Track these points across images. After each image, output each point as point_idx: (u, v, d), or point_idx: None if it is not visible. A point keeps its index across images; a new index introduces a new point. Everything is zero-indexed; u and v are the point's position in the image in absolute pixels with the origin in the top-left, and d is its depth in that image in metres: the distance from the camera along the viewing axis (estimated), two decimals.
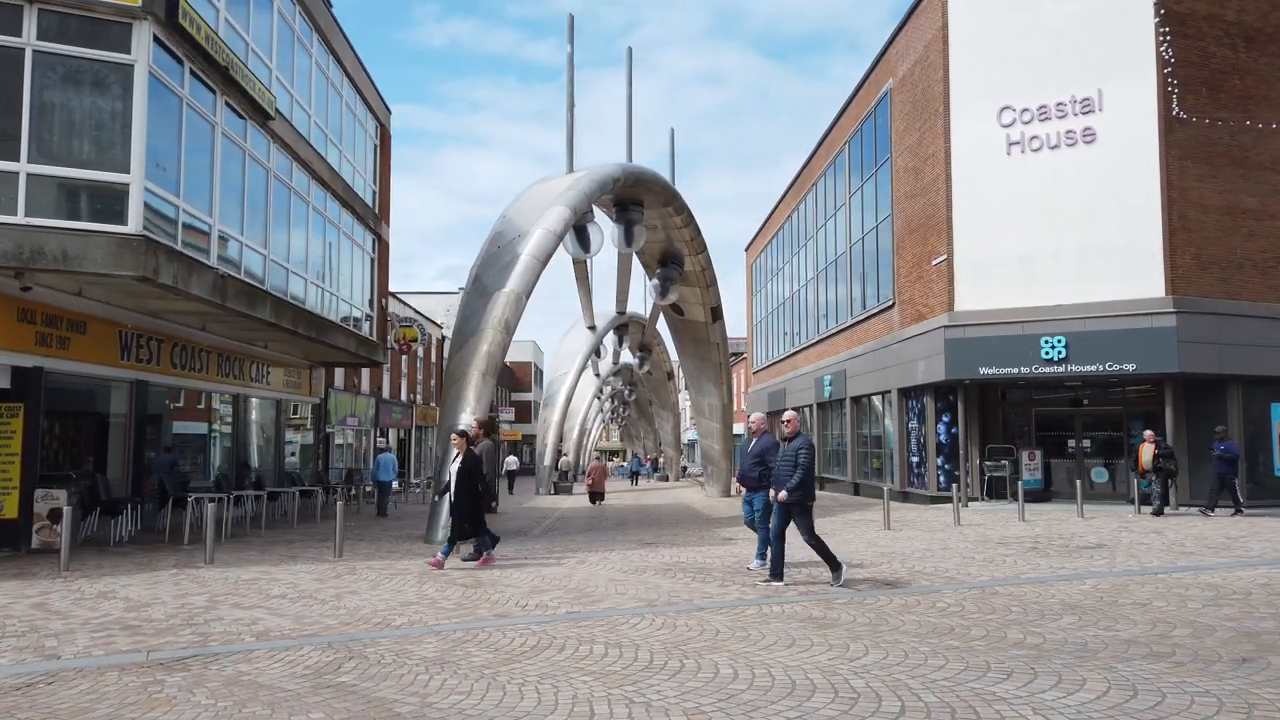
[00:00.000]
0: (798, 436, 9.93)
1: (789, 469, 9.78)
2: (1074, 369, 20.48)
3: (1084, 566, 11.18)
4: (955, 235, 21.83)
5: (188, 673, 6.35)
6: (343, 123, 22.13)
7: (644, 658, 6.63)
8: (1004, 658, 6.46)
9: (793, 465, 9.76)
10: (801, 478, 9.69)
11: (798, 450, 9.77)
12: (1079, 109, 20.80)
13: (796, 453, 9.77)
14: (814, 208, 34.83)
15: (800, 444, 9.81)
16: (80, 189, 12.22)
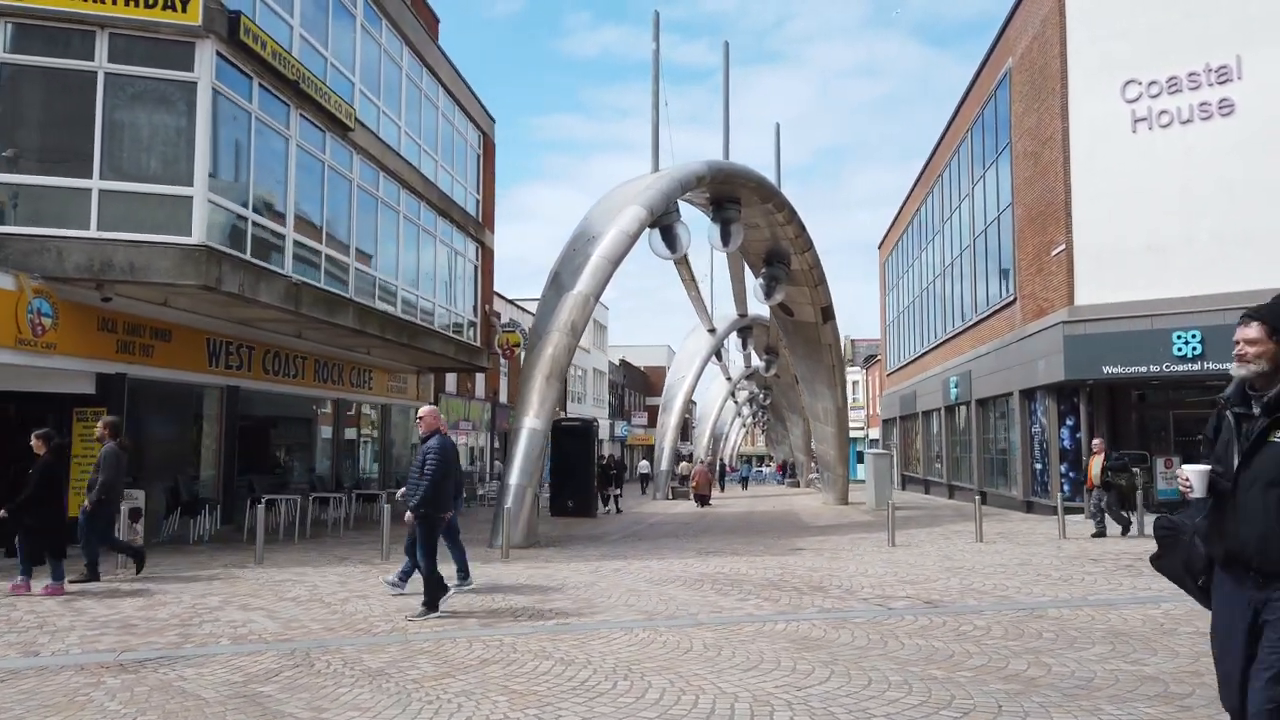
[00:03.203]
0: (432, 437, 8.76)
1: (417, 477, 8.62)
2: (1210, 367, 18.44)
3: (1173, 589, 9.85)
4: (1075, 223, 20.12)
5: (132, 676, 6.35)
6: (439, 133, 22.55)
7: (583, 676, 6.19)
8: (980, 691, 5.65)
9: (420, 473, 8.61)
10: (429, 487, 8.46)
11: (425, 455, 8.62)
12: (1214, 78, 18.76)
13: (424, 458, 8.64)
14: (940, 200, 33.15)
15: (430, 447, 8.64)
16: (147, 202, 12.78)
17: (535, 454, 15.17)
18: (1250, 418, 3.40)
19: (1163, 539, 3.74)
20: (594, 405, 51.90)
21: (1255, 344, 3.38)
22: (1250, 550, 3.29)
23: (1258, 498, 3.28)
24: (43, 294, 12.11)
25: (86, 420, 13.65)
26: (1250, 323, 3.43)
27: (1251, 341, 3.40)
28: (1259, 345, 3.38)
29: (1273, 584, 3.23)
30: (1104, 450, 16.21)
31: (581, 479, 24.04)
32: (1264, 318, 3.41)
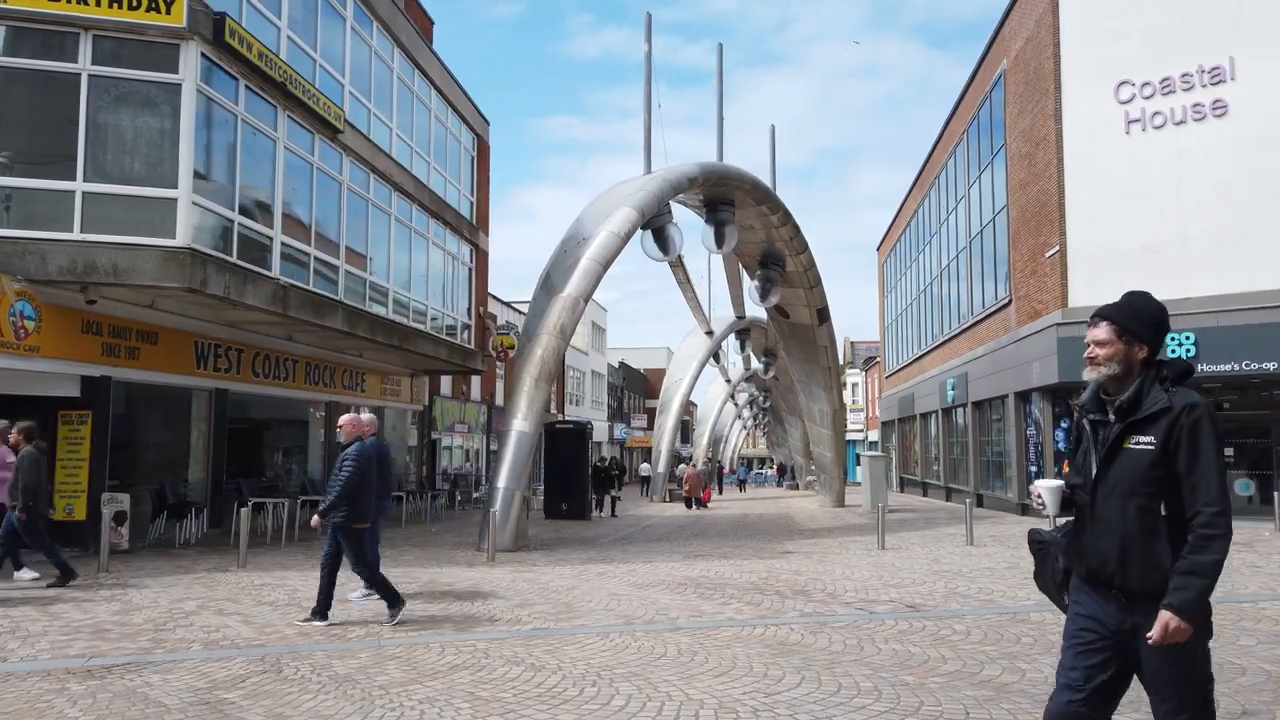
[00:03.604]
0: (353, 443, 8.46)
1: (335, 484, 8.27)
2: (1205, 369, 18.36)
3: None
4: (1068, 225, 20.06)
5: (97, 682, 6.29)
6: (431, 135, 22.51)
7: (551, 682, 6.12)
8: (949, 698, 5.58)
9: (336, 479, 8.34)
10: (338, 495, 8.14)
11: (342, 461, 8.31)
12: (1208, 79, 18.69)
13: (341, 464, 8.31)
14: (937, 202, 33.09)
15: (348, 454, 8.32)
16: (131, 205, 12.72)
17: (523, 457, 15.10)
18: (1106, 424, 3.18)
19: (1035, 553, 3.50)
20: (592, 408, 51.85)
21: (1105, 345, 3.17)
22: (1111, 566, 3.07)
23: (1116, 509, 3.07)
24: (25, 297, 12.05)
25: (71, 424, 13.62)
26: (1099, 323, 3.22)
27: (1101, 343, 3.19)
28: (1109, 346, 3.16)
29: (1138, 604, 3.01)
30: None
31: (575, 482, 23.95)
32: (1112, 317, 3.20)
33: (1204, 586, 2.90)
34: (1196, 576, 2.89)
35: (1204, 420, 2.99)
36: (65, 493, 13.56)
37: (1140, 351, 3.16)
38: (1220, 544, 2.91)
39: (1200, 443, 2.98)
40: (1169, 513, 3.00)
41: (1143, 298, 3.26)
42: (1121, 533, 3.04)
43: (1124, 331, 3.15)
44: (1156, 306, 3.21)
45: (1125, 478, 3.06)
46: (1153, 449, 3.02)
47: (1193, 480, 2.96)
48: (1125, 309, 3.21)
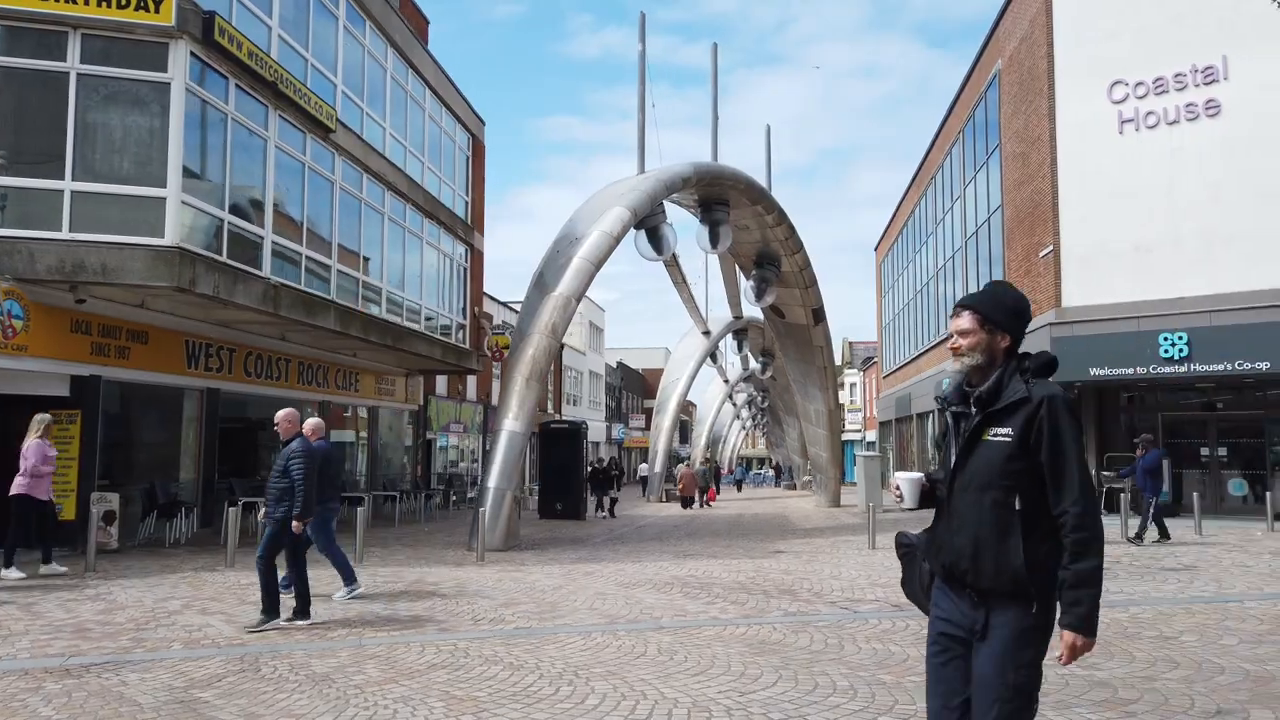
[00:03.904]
0: (293, 439, 8.31)
1: (278, 483, 8.12)
2: (1197, 369, 18.36)
3: (1145, 591, 9.82)
4: (1061, 224, 20.03)
5: (74, 681, 6.27)
6: (425, 134, 22.49)
7: (527, 681, 6.11)
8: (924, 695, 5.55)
9: (281, 478, 8.09)
10: (305, 494, 8.02)
11: (289, 459, 8.12)
12: (1201, 79, 18.68)
13: (287, 462, 8.12)
14: (934, 202, 33.07)
15: (296, 449, 8.17)
16: (120, 204, 12.69)
17: (514, 457, 15.09)
18: (968, 415, 3.08)
19: (902, 557, 3.38)
20: (590, 408, 51.83)
21: (968, 335, 3.07)
22: (965, 562, 2.95)
23: (972, 503, 2.96)
24: (13, 296, 12.04)
25: (60, 423, 13.60)
26: (962, 312, 3.11)
27: (964, 332, 3.08)
28: (972, 336, 3.06)
29: (990, 602, 2.90)
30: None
31: (570, 482, 23.94)
32: (975, 306, 3.09)
33: (1095, 595, 2.83)
34: (1085, 588, 2.80)
35: (1063, 412, 2.89)
36: (54, 492, 13.53)
37: (1003, 341, 3.06)
38: (1096, 545, 2.82)
39: (1061, 436, 2.87)
40: (1024, 508, 2.89)
41: (1004, 287, 3.20)
42: (976, 528, 2.93)
43: (986, 321, 3.05)
44: (1017, 295, 3.15)
45: (982, 470, 2.95)
46: (1009, 441, 2.91)
47: (1057, 477, 2.86)
48: (988, 298, 3.13)
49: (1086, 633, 2.81)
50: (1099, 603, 2.84)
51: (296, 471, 8.05)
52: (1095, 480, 19.13)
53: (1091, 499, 2.85)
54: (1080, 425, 2.98)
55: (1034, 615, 2.87)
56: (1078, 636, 2.81)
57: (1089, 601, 2.81)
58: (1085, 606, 2.80)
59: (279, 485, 8.17)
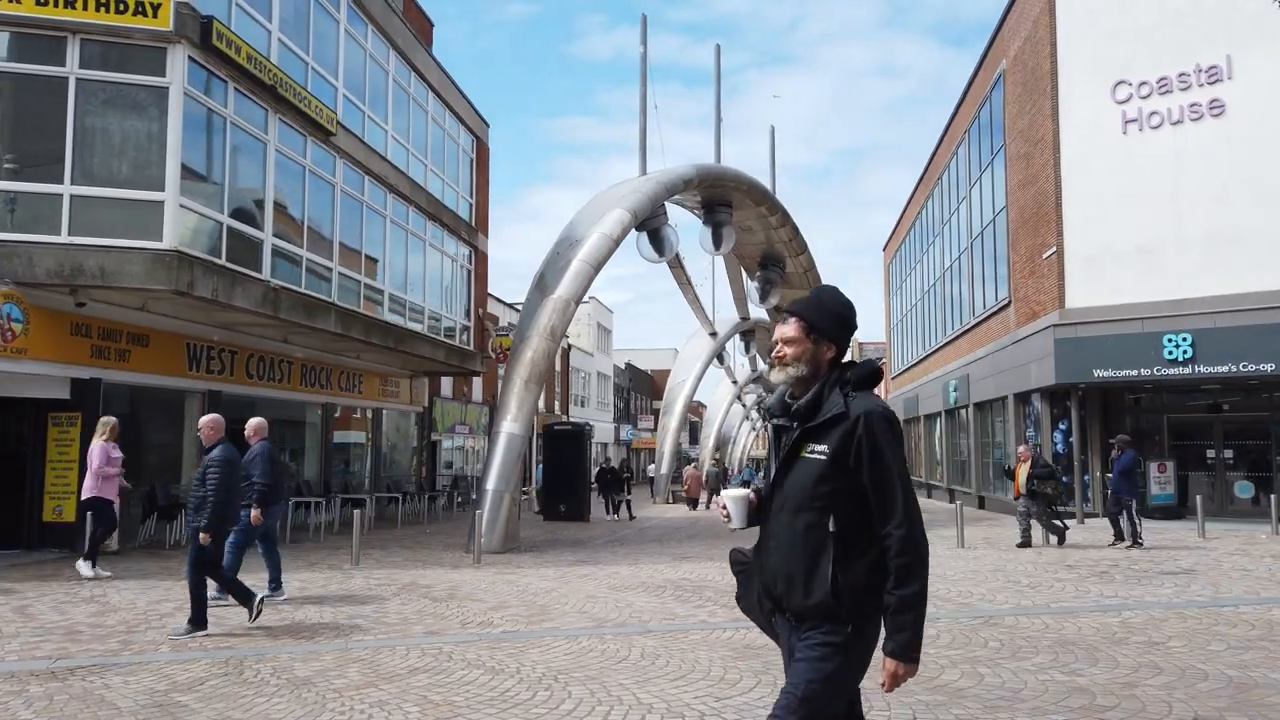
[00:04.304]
0: (215, 447, 8.08)
1: (200, 490, 7.90)
2: (1201, 370, 18.24)
3: (1140, 596, 9.75)
4: (1065, 225, 19.94)
5: (58, 684, 6.31)
6: (429, 137, 22.55)
7: (506, 686, 6.11)
8: (900, 702, 5.54)
9: (201, 485, 7.87)
10: (215, 507, 7.79)
11: (207, 467, 7.92)
12: (1205, 79, 18.56)
13: (205, 470, 7.93)
14: (940, 203, 32.96)
15: (214, 457, 7.95)
16: (119, 208, 12.78)
17: (513, 459, 15.11)
18: (789, 430, 2.91)
19: (737, 574, 3.22)
20: (598, 409, 51.85)
21: (793, 343, 2.90)
22: (779, 586, 2.82)
23: (786, 524, 2.81)
24: (12, 299, 12.13)
25: (61, 425, 13.70)
26: (788, 319, 2.94)
27: (789, 341, 2.91)
28: (796, 345, 2.90)
29: (806, 626, 2.79)
30: (1030, 457, 15.56)
31: (574, 483, 23.95)
32: (801, 313, 2.93)
33: (916, 621, 2.69)
34: (908, 613, 2.68)
35: (882, 428, 2.73)
36: (55, 494, 13.65)
37: (828, 351, 2.91)
38: (918, 569, 2.69)
39: (882, 455, 2.72)
40: (840, 528, 2.73)
41: (831, 294, 3.01)
42: (789, 550, 2.79)
43: (812, 329, 2.90)
44: (845, 303, 2.97)
45: (796, 489, 2.81)
46: (824, 460, 2.76)
47: (879, 497, 2.72)
48: (813, 305, 2.96)
49: (908, 660, 2.69)
50: (923, 627, 2.73)
51: (212, 480, 7.84)
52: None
53: (914, 520, 2.71)
54: (901, 440, 2.83)
55: (847, 635, 2.74)
56: (899, 664, 2.69)
57: (912, 628, 2.68)
58: (908, 633, 2.68)
59: (198, 494, 7.98)
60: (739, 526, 2.99)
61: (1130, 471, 15.19)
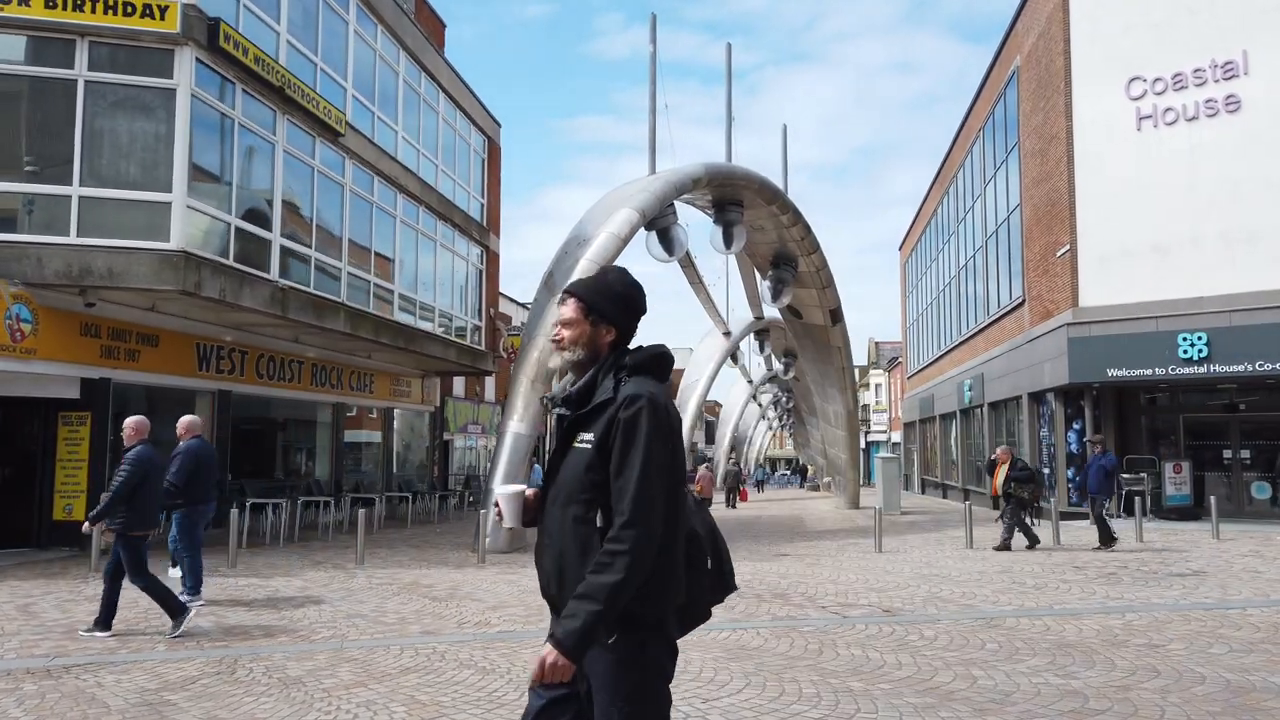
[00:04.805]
0: (134, 448, 8.01)
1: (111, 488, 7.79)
2: (1216, 369, 18.02)
3: (1146, 598, 9.62)
4: (1079, 223, 19.75)
5: (52, 682, 6.35)
6: (439, 137, 22.59)
7: (494, 686, 6.09)
8: (889, 704, 5.48)
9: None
10: (110, 501, 7.72)
11: (119, 467, 7.88)
12: (1220, 74, 18.33)
13: (119, 467, 7.87)
14: (955, 201, 32.74)
15: (128, 456, 7.92)
16: (127, 209, 12.87)
17: (519, 459, 15.09)
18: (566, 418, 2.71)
19: None
20: None
21: (571, 325, 2.73)
22: (552, 586, 2.62)
23: (557, 519, 2.61)
24: (22, 299, 12.24)
25: (71, 425, 13.82)
26: (566, 299, 2.77)
27: (566, 322, 2.74)
28: (575, 327, 2.73)
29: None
30: (1008, 459, 15.42)
31: None
32: (579, 293, 2.75)
33: (594, 614, 2.38)
34: (589, 601, 2.39)
35: (643, 415, 2.50)
36: (65, 493, 13.76)
37: (607, 334, 2.73)
38: (625, 561, 2.40)
39: (632, 441, 2.49)
40: (606, 523, 2.51)
41: (616, 273, 2.83)
42: (560, 546, 2.58)
43: (591, 310, 2.72)
44: (629, 283, 2.80)
45: (567, 481, 2.62)
46: (589, 449, 2.57)
47: (618, 485, 2.49)
48: (593, 284, 2.79)
49: (568, 652, 2.40)
50: (598, 627, 2.40)
51: (118, 478, 7.80)
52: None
53: (642, 515, 2.44)
54: (668, 431, 2.54)
55: (619, 645, 2.51)
56: (553, 652, 2.40)
57: (584, 619, 2.38)
58: (578, 622, 2.38)
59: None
60: (511, 525, 2.80)
61: (1113, 472, 15.04)
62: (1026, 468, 15.42)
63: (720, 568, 2.74)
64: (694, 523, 2.68)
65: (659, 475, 2.48)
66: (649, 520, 2.45)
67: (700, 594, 2.68)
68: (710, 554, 2.70)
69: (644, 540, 2.43)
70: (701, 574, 2.67)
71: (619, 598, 2.40)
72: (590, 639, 2.40)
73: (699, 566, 2.67)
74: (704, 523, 2.73)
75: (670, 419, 2.55)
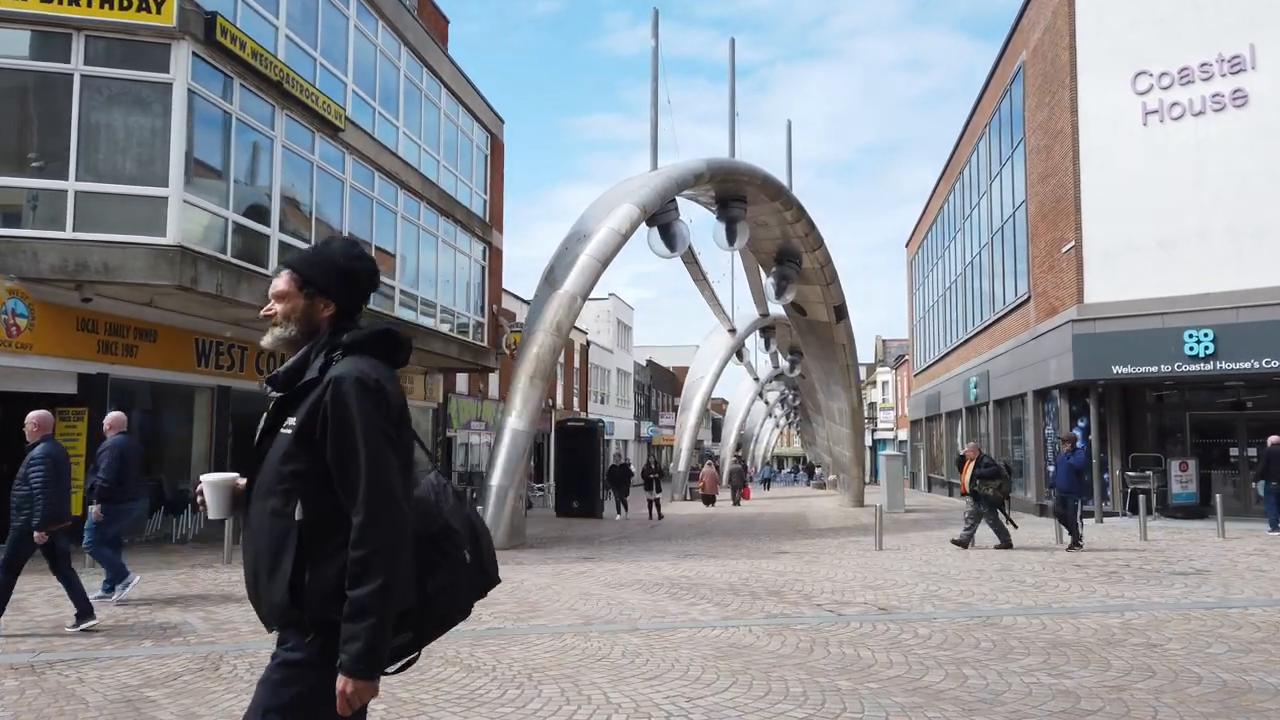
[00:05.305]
0: (38, 444, 7.70)
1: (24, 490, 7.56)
2: (1223, 366, 17.84)
3: (1146, 596, 9.50)
4: (1084, 219, 19.58)
5: (34, 678, 6.30)
6: (441, 133, 22.52)
7: (477, 684, 6.02)
8: (875, 704, 5.39)
9: (22, 484, 7.56)
10: (44, 504, 7.49)
11: (30, 464, 7.56)
12: (1227, 68, 18.15)
13: (29, 467, 7.55)
14: (962, 197, 32.56)
15: (36, 454, 7.61)
16: (123, 204, 12.82)
17: (517, 456, 15.04)
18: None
19: None
20: (618, 405, 51.76)
21: (284, 298, 2.50)
22: (250, 585, 2.40)
23: (257, 512, 2.39)
24: (17, 294, 12.22)
25: (68, 420, 13.78)
26: (281, 272, 2.54)
27: (279, 295, 2.51)
28: (288, 300, 2.50)
29: (280, 636, 2.37)
30: (976, 456, 15.28)
31: (587, 480, 23.91)
32: (294, 263, 2.53)
33: (375, 628, 2.20)
34: (361, 620, 2.19)
35: (354, 397, 2.28)
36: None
37: (325, 309, 2.50)
38: (379, 566, 2.21)
39: (347, 429, 2.27)
40: (309, 518, 2.30)
41: (341, 243, 2.61)
42: (257, 544, 2.36)
43: (306, 283, 2.49)
44: (354, 255, 2.56)
45: (266, 472, 2.39)
46: (290, 435, 2.35)
47: (342, 480, 2.28)
48: (310, 255, 2.57)
49: (364, 674, 2.21)
50: (384, 637, 2.22)
51: (35, 479, 7.52)
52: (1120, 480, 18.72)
53: (381, 506, 2.25)
54: (385, 413, 2.33)
55: (307, 647, 2.30)
56: (350, 681, 2.21)
57: (366, 636, 2.19)
58: (361, 643, 2.19)
59: (19, 492, 7.60)
60: (217, 516, 2.59)
61: (1082, 470, 14.88)
62: (993, 463, 15.27)
63: (481, 561, 2.49)
64: (450, 518, 2.45)
65: (386, 458, 2.29)
66: (390, 509, 2.26)
67: (457, 590, 2.44)
68: (469, 548, 2.46)
69: (391, 533, 2.25)
70: (459, 569, 2.43)
71: (390, 600, 2.22)
72: (379, 653, 2.22)
73: (456, 561, 2.43)
74: (461, 516, 2.48)
75: (387, 397, 2.34)
